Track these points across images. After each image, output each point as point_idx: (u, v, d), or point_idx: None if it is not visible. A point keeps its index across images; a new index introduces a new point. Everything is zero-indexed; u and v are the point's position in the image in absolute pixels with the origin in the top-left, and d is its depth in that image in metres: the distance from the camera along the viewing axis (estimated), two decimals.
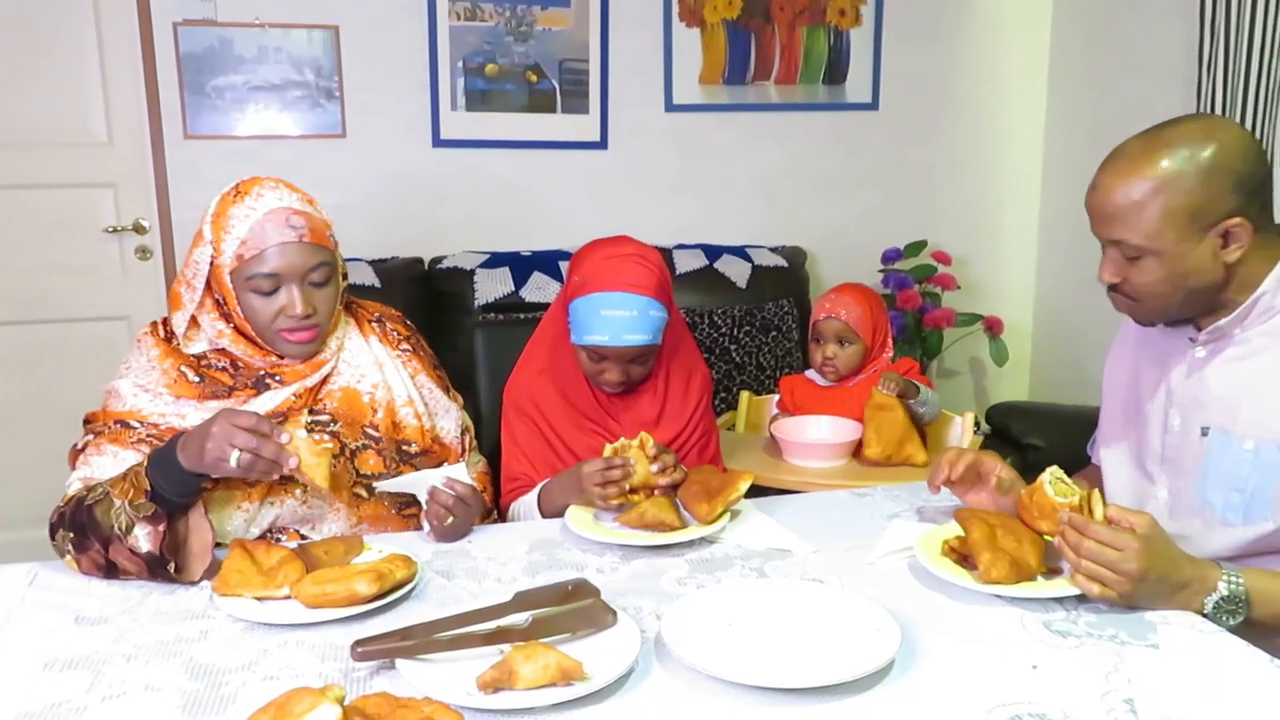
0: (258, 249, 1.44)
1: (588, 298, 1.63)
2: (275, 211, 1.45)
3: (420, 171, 3.15)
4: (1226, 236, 1.29)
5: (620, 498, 1.49)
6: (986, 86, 3.57)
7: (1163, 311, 1.38)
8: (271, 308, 1.46)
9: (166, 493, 1.30)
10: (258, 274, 1.44)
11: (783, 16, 3.34)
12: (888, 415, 2.11)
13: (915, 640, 1.13)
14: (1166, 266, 1.30)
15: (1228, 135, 1.29)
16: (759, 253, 3.15)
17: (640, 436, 1.53)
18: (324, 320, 1.51)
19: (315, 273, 1.48)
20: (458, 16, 3.08)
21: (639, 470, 1.49)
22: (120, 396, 1.48)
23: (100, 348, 2.97)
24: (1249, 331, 1.35)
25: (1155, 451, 1.45)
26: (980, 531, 1.26)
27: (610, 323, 1.61)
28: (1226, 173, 1.27)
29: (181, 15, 2.90)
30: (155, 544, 1.28)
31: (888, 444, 2.09)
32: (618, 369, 1.66)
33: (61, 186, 2.96)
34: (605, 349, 1.63)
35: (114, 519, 1.29)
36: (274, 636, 1.16)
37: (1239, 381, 1.35)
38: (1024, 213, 3.69)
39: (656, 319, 1.64)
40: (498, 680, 1.00)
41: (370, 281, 2.78)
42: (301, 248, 1.46)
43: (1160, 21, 3.04)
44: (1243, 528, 1.32)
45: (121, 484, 1.32)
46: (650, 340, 1.65)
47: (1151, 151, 1.29)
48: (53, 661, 1.11)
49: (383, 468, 1.55)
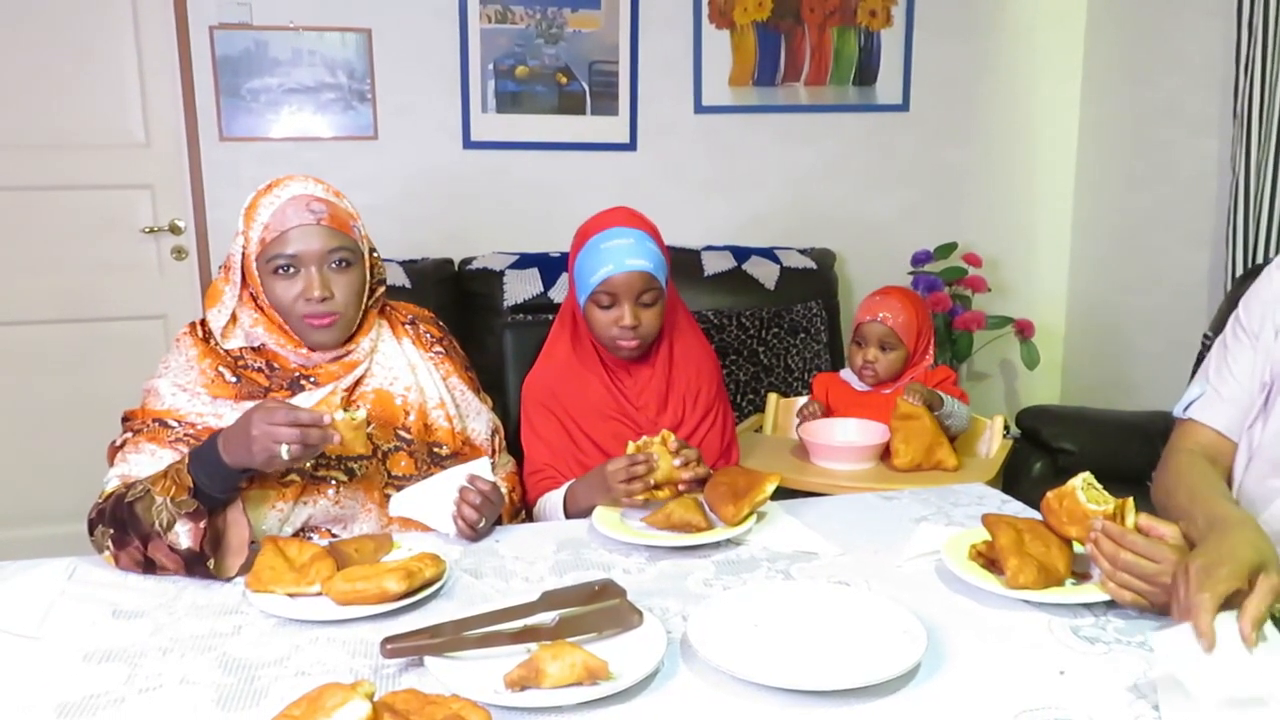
0: (278, 231, 1.48)
1: (587, 245, 1.71)
2: (297, 198, 1.50)
3: (451, 173, 3.18)
4: None
5: (645, 494, 1.50)
6: (1019, 86, 3.54)
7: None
8: (292, 291, 1.49)
9: (209, 489, 1.33)
10: (278, 255, 1.48)
11: (813, 18, 3.33)
12: (915, 424, 2.10)
13: (942, 644, 1.12)
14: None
15: None
16: (788, 254, 3.15)
17: (662, 433, 1.54)
18: (344, 308, 1.52)
19: (334, 255, 1.50)
20: (488, 19, 3.10)
21: (662, 466, 1.50)
22: (159, 395, 1.50)
23: (137, 346, 3.02)
24: None
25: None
26: (1007, 537, 1.25)
27: (612, 252, 1.67)
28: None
29: (218, 19, 2.95)
30: (195, 540, 1.31)
31: (916, 452, 2.07)
32: (630, 311, 1.68)
33: (100, 187, 3.02)
34: (614, 280, 1.67)
35: (155, 516, 1.31)
36: (305, 633, 1.18)
37: None
38: (1056, 214, 3.65)
39: (656, 252, 1.70)
40: (525, 679, 1.01)
41: (401, 282, 2.81)
42: (320, 230, 1.49)
43: (1197, 19, 3.00)
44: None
45: (163, 481, 1.34)
46: (653, 268, 1.68)
47: None
48: (91, 654, 1.14)
49: (414, 469, 1.56)
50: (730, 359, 2.86)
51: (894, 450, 2.10)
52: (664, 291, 1.73)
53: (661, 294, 1.72)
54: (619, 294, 1.68)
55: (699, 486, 1.53)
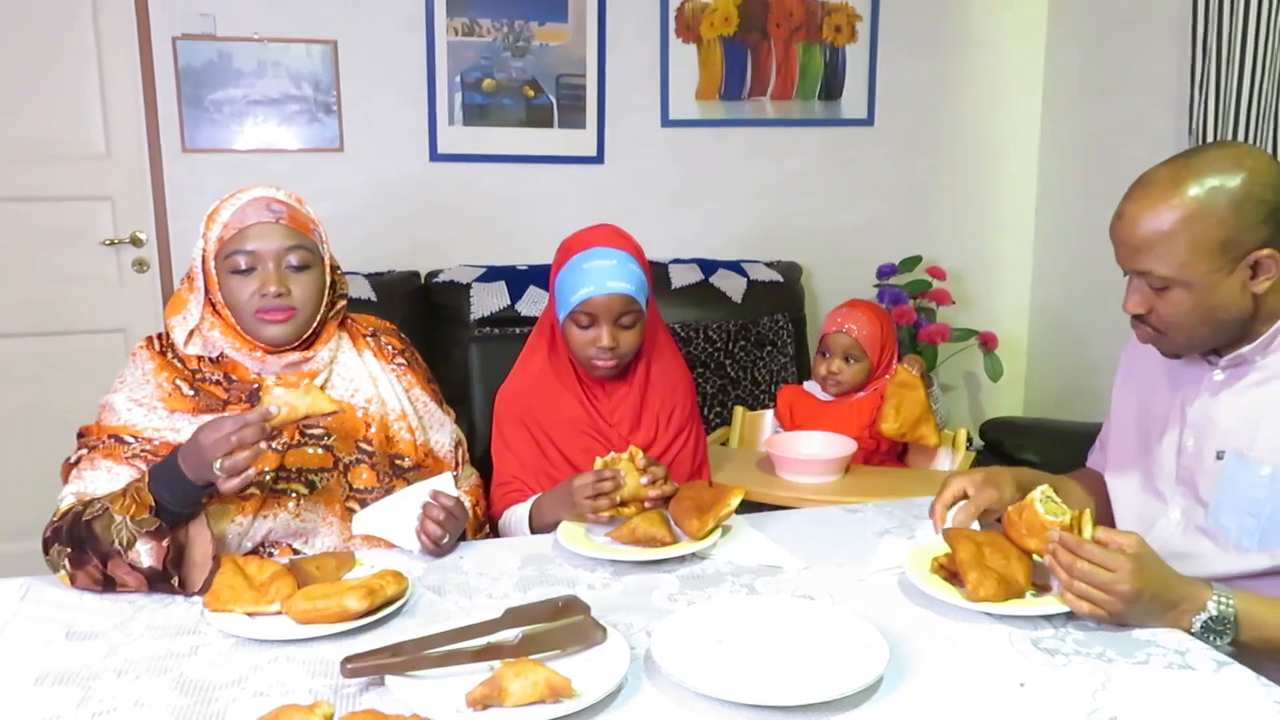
0: (236, 228, 1.49)
1: (569, 262, 1.70)
2: (258, 199, 1.51)
3: (417, 185, 3.16)
4: (1256, 267, 1.27)
5: (611, 510, 1.49)
6: (981, 102, 3.59)
7: (1188, 344, 1.35)
8: (248, 288, 1.49)
9: (171, 506, 1.31)
10: (235, 252, 1.48)
11: (779, 32, 3.36)
12: (910, 393, 2.17)
13: (904, 657, 1.13)
14: (1195, 298, 1.28)
15: (1256, 164, 1.26)
16: (754, 267, 3.16)
17: (630, 450, 1.54)
18: (301, 306, 1.52)
19: (292, 255, 1.50)
20: (455, 32, 3.10)
21: (629, 482, 1.50)
22: (114, 410, 1.48)
23: (96, 360, 2.96)
24: (1270, 357, 1.33)
25: (1168, 472, 1.44)
26: (968, 550, 1.26)
27: (594, 273, 1.67)
28: (1257, 203, 1.24)
29: (181, 29, 2.92)
30: (158, 559, 1.29)
31: (905, 421, 2.14)
32: (608, 332, 1.68)
33: (59, 199, 2.97)
34: (594, 301, 1.66)
35: (115, 534, 1.30)
36: (264, 652, 1.17)
37: (1257, 406, 1.33)
38: (1018, 228, 3.70)
39: (638, 274, 1.70)
40: (487, 697, 1.00)
41: (367, 295, 2.79)
42: (278, 229, 1.50)
43: (1153, 39, 3.07)
44: (1257, 553, 1.31)
45: (122, 500, 1.32)
46: (634, 290, 1.68)
47: (1179, 181, 1.26)
48: (44, 676, 1.12)
49: (375, 482, 1.55)
50: (698, 371, 2.86)
51: (883, 415, 2.16)
52: (644, 313, 1.73)
53: (641, 315, 1.72)
54: (598, 315, 1.68)
55: (665, 504, 1.53)
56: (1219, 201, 1.24)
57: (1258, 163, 1.27)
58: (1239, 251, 1.26)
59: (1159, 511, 1.45)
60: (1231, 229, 1.24)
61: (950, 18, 3.51)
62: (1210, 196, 1.24)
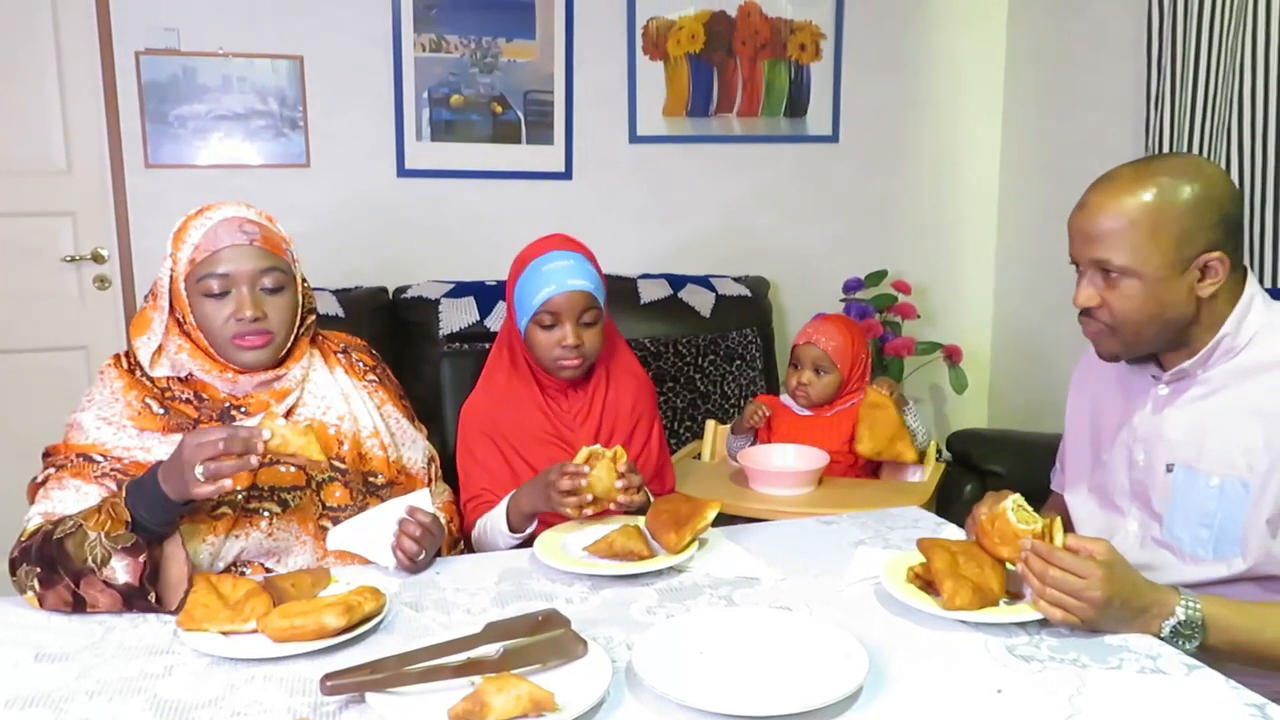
0: (209, 251, 1.46)
1: (526, 269, 1.74)
2: (230, 219, 1.48)
3: (385, 201, 3.15)
4: (1205, 270, 1.32)
5: (581, 504, 1.50)
6: (943, 120, 3.65)
7: (1134, 340, 1.38)
8: (223, 312, 1.47)
9: (148, 523, 1.29)
10: (209, 275, 1.46)
11: (745, 50, 3.40)
12: (881, 413, 2.18)
13: (883, 666, 1.14)
14: (1147, 291, 1.32)
15: (1214, 173, 1.36)
16: (723, 282, 3.18)
17: (615, 450, 1.55)
18: (277, 329, 1.50)
19: (267, 277, 1.49)
20: (423, 48, 3.10)
21: (605, 480, 1.51)
22: (83, 429, 1.46)
23: (58, 378, 2.92)
24: (1211, 371, 1.38)
25: (1123, 486, 1.48)
26: (942, 560, 1.28)
27: (553, 274, 1.71)
28: (1213, 205, 1.31)
29: (144, 44, 2.89)
30: (135, 575, 1.27)
31: (879, 440, 2.16)
32: (572, 331, 1.70)
33: (19, 215, 2.92)
34: (556, 300, 1.69)
35: (88, 551, 1.27)
36: (241, 671, 1.15)
37: (1202, 419, 1.37)
38: (981, 242, 3.76)
39: (595, 274, 1.75)
40: (469, 712, 1.00)
41: (334, 311, 2.77)
42: (253, 251, 1.48)
43: (1110, 58, 3.14)
44: (1213, 563, 1.35)
45: (97, 516, 1.30)
46: (593, 289, 1.72)
47: (1144, 176, 1.33)
48: (13, 699, 1.09)
49: (349, 499, 1.54)
50: (667, 386, 2.87)
51: (858, 437, 2.19)
52: (603, 315, 1.76)
53: (601, 315, 1.75)
54: (561, 313, 1.70)
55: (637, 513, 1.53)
56: (1179, 198, 1.31)
57: (1215, 172, 1.36)
58: (1192, 250, 1.31)
59: (1117, 524, 1.48)
60: (1189, 225, 1.30)
61: (912, 37, 3.57)
62: (1172, 192, 1.31)
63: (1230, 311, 1.36)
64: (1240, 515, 1.33)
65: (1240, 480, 1.33)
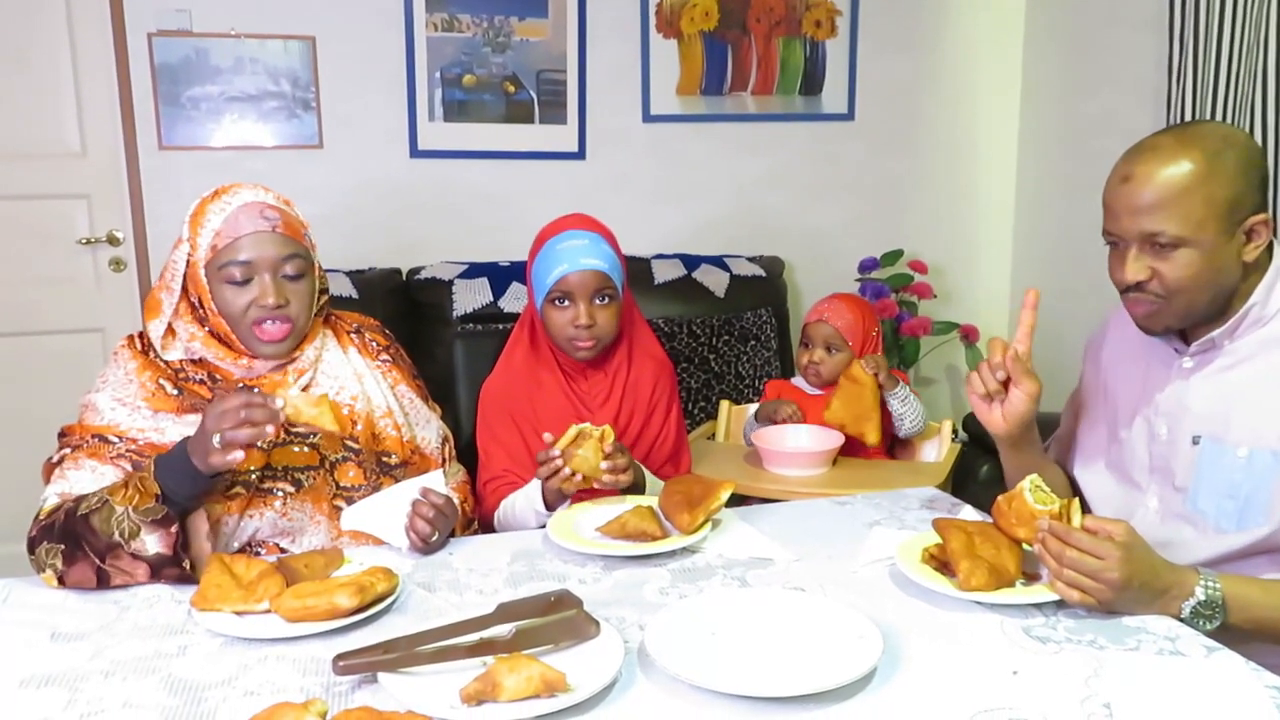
0: (231, 237, 1.45)
1: (543, 248, 1.73)
2: (250, 204, 1.47)
3: (398, 182, 3.14)
4: (1250, 234, 1.30)
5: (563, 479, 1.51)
6: (961, 97, 3.60)
7: (1188, 311, 1.34)
8: (244, 299, 1.46)
9: (176, 496, 1.31)
10: (230, 262, 1.45)
11: (759, 28, 3.36)
12: (857, 388, 2.19)
13: (897, 647, 1.13)
14: (1204, 259, 1.29)
15: (1245, 136, 1.36)
16: (737, 262, 3.17)
17: (603, 429, 1.54)
18: (297, 316, 1.50)
19: (288, 264, 1.48)
20: (435, 27, 3.08)
21: (590, 460, 1.51)
22: (97, 410, 1.46)
23: (74, 360, 2.94)
24: (1238, 341, 1.36)
25: (1142, 462, 1.46)
26: (958, 540, 1.27)
27: (567, 252, 1.70)
28: (1255, 168, 1.30)
29: (156, 26, 2.88)
30: (168, 545, 1.30)
31: (846, 415, 2.17)
32: (586, 310, 1.69)
33: (34, 198, 2.93)
34: (569, 279, 1.69)
35: (115, 526, 1.29)
36: (254, 651, 1.15)
37: (1229, 390, 1.35)
38: (998, 222, 3.72)
39: (611, 254, 1.73)
40: (481, 692, 1.00)
41: (348, 292, 2.77)
42: (275, 238, 1.47)
43: (1131, 33, 3.09)
44: (1236, 534, 1.33)
45: (124, 491, 1.31)
46: (607, 268, 1.71)
47: (1187, 143, 1.29)
48: (29, 679, 1.10)
49: (363, 479, 1.54)
50: (682, 366, 2.86)
51: (827, 404, 2.18)
52: (620, 295, 1.75)
53: (617, 296, 1.74)
54: (574, 292, 1.69)
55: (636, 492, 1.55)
56: (1228, 161, 1.28)
57: (1247, 136, 1.36)
58: (1241, 214, 1.29)
59: (1136, 501, 1.46)
60: (1240, 188, 1.28)
61: (929, 13, 3.52)
62: (1219, 157, 1.28)
63: (1260, 281, 1.34)
64: (1269, 484, 1.31)
65: (1271, 450, 1.31)
